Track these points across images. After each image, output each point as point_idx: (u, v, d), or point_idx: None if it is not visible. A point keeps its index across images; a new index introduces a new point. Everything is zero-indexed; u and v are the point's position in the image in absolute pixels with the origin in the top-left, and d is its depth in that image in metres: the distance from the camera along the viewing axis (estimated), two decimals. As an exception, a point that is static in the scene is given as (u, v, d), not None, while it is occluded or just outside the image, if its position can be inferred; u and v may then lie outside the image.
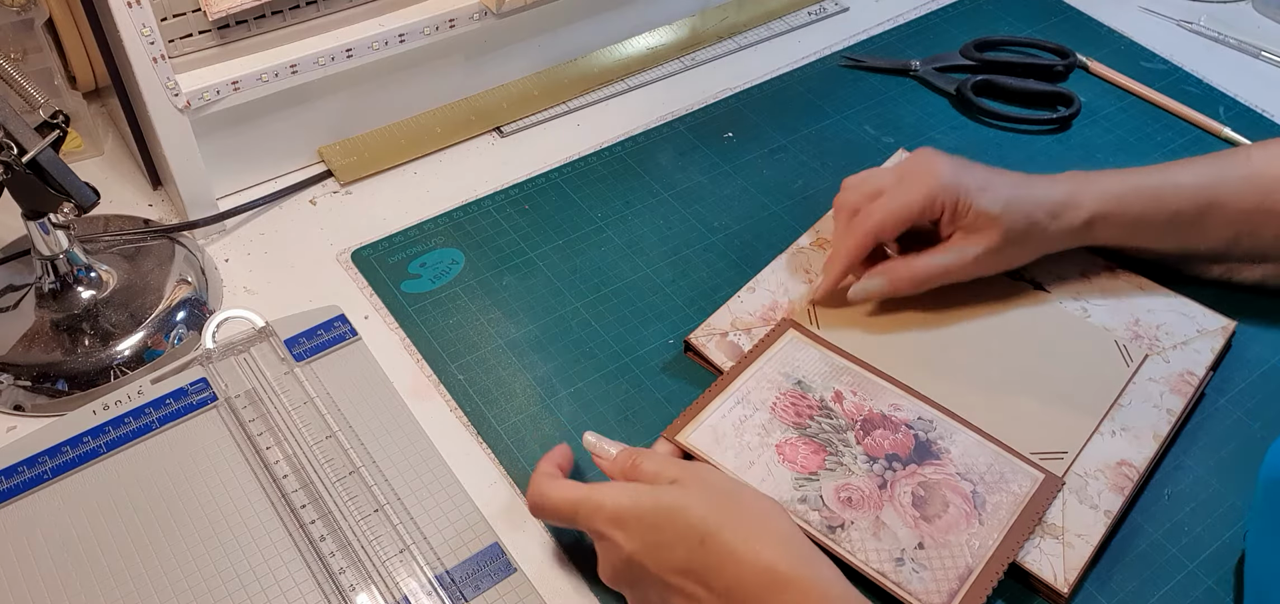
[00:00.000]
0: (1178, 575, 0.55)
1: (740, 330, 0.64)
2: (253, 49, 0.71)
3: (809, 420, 0.58)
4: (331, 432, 0.59)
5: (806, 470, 0.56)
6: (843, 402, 0.59)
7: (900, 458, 0.57)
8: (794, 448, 0.57)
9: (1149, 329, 0.64)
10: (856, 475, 0.56)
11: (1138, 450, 0.58)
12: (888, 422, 0.59)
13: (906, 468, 0.56)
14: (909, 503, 0.55)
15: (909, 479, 0.56)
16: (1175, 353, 0.63)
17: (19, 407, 0.61)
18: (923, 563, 0.52)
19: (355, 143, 0.79)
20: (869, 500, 0.55)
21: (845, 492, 0.55)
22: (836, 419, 0.59)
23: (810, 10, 0.95)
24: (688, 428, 0.58)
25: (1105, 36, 0.94)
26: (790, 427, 0.58)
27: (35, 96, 0.59)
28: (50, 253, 0.62)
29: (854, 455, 0.57)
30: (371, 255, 0.71)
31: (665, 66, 0.88)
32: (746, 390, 0.60)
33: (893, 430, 0.58)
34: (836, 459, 0.57)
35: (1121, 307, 0.66)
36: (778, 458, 0.56)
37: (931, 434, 0.58)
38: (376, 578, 0.52)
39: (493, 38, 0.81)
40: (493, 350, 0.65)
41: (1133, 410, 0.60)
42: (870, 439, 0.58)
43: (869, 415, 0.59)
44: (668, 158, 0.79)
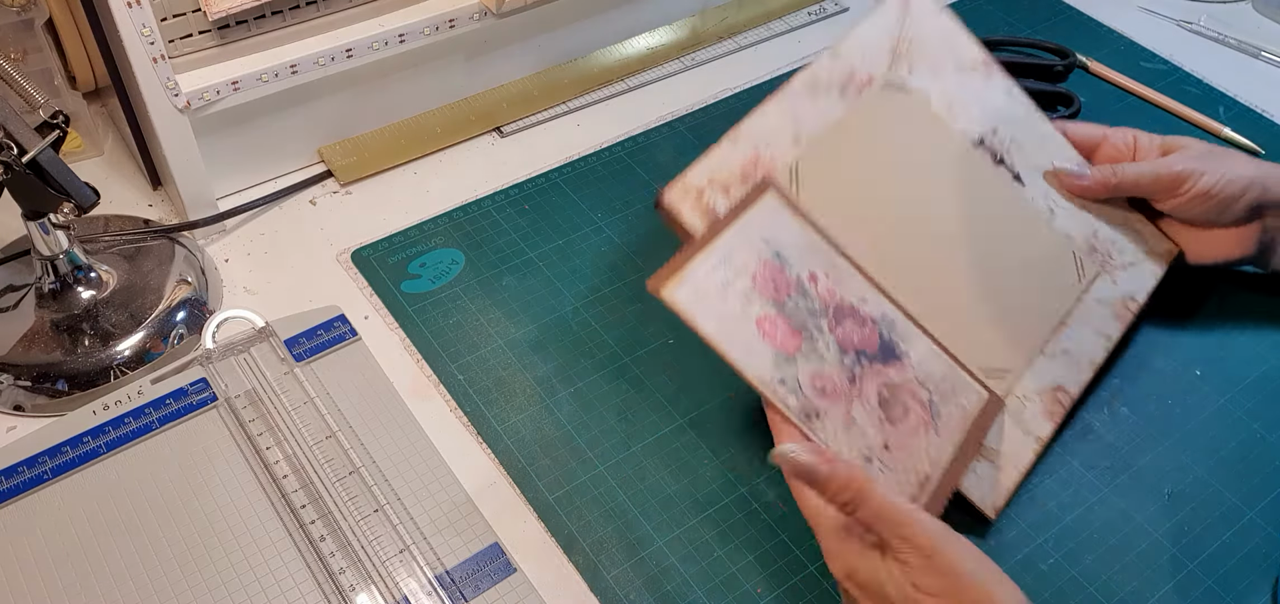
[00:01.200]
0: (1178, 575, 0.55)
1: (717, 189, 0.61)
2: (253, 49, 0.71)
3: (786, 298, 0.57)
4: (331, 432, 0.59)
5: (785, 351, 0.54)
6: (817, 284, 0.58)
7: (868, 354, 0.56)
8: (774, 325, 0.55)
9: (1104, 243, 0.65)
10: (829, 365, 0.55)
11: (1074, 376, 0.59)
12: (856, 314, 0.57)
13: (872, 365, 0.56)
14: (876, 402, 0.55)
15: (876, 377, 0.55)
16: (1123, 274, 0.63)
17: (19, 407, 0.61)
18: (887, 465, 0.52)
19: (355, 143, 0.79)
20: (840, 393, 0.54)
21: (819, 380, 0.54)
22: (811, 302, 0.57)
23: (810, 10, 0.95)
24: (671, 283, 0.54)
25: (1105, 36, 0.94)
26: (770, 301, 0.56)
27: (35, 96, 0.59)
28: (50, 253, 0.62)
29: (827, 343, 0.56)
30: (371, 255, 0.71)
31: (665, 66, 0.88)
32: (728, 251, 0.57)
33: (860, 325, 0.57)
34: (811, 344, 0.55)
35: (1084, 215, 0.66)
36: (758, 333, 0.54)
37: (894, 335, 0.57)
38: (376, 578, 0.52)
39: (493, 38, 0.81)
40: (493, 350, 0.65)
41: (1076, 333, 0.61)
42: (841, 329, 0.57)
43: (840, 303, 0.58)
44: (668, 158, 0.79)
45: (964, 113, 0.67)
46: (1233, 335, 0.67)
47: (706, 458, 0.59)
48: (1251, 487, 0.59)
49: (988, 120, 0.67)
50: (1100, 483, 0.59)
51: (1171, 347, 0.66)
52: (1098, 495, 0.58)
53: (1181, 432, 0.62)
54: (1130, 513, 0.58)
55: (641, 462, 0.59)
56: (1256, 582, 0.55)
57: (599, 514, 0.57)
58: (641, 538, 0.56)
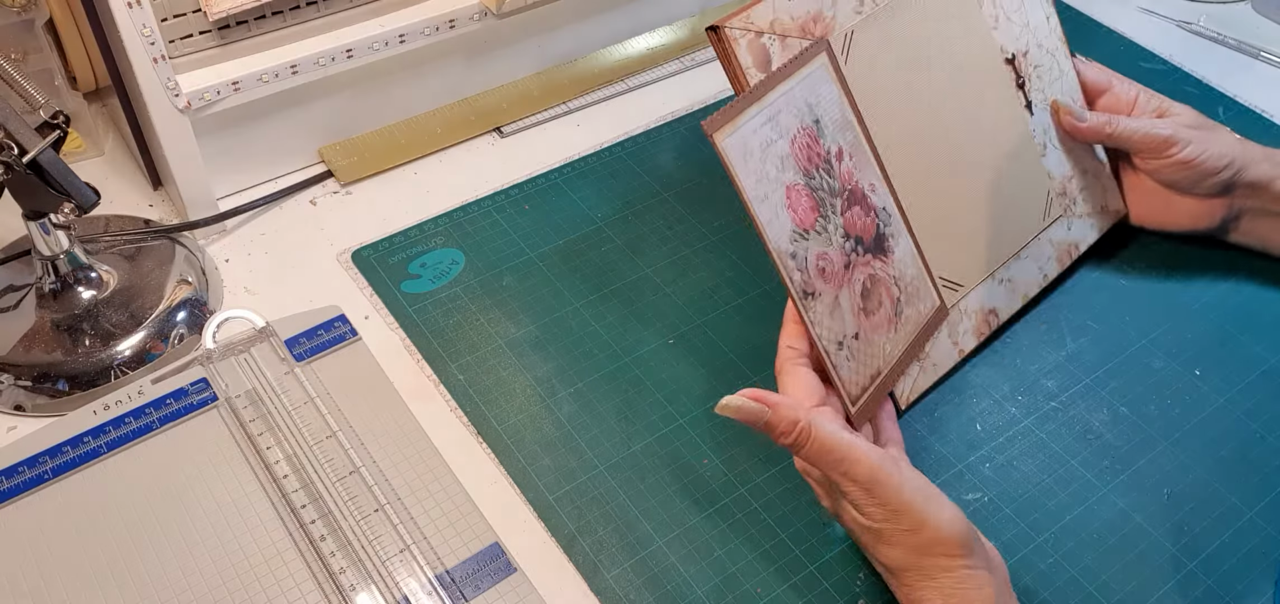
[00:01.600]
0: (1177, 575, 0.55)
1: (776, 36, 0.60)
2: (253, 49, 0.71)
3: (815, 171, 0.57)
4: (332, 432, 0.59)
5: (802, 226, 0.55)
6: (841, 163, 0.58)
7: (863, 243, 0.57)
8: (798, 196, 0.56)
9: (1073, 189, 0.67)
10: (833, 247, 0.56)
11: (1008, 304, 0.63)
12: (864, 202, 0.59)
13: (864, 256, 0.57)
14: (859, 291, 0.56)
15: (864, 267, 0.57)
16: (1077, 222, 0.66)
17: (19, 407, 0.61)
18: (853, 353, 0.55)
19: (355, 143, 0.79)
20: (835, 278, 0.56)
21: (822, 261, 0.55)
22: (833, 180, 0.58)
23: (810, 10, 0.95)
24: (725, 129, 0.54)
25: (1105, 37, 0.94)
26: (800, 171, 0.56)
27: (35, 97, 0.59)
28: (51, 253, 0.62)
29: (836, 226, 0.57)
30: (371, 255, 0.71)
31: (665, 66, 0.88)
32: (777, 109, 0.56)
33: (866, 213, 0.58)
34: (824, 223, 0.56)
35: (1069, 158, 0.68)
36: (784, 201, 0.55)
37: (887, 228, 0.59)
38: (376, 578, 0.53)
39: (493, 38, 0.81)
40: (493, 350, 0.65)
41: (1022, 265, 0.64)
42: (849, 214, 0.58)
43: (854, 188, 0.58)
44: (668, 158, 0.79)
45: (1006, 25, 0.68)
46: (1233, 335, 0.67)
47: (706, 458, 0.59)
48: (1251, 487, 0.59)
49: (1023, 40, 0.68)
50: (1100, 483, 0.59)
51: (1171, 347, 0.66)
52: (1098, 495, 0.58)
53: (1181, 431, 0.62)
54: (1130, 513, 0.58)
55: (641, 462, 0.59)
56: (1256, 582, 0.55)
57: (599, 514, 0.57)
58: (641, 538, 0.56)
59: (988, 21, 0.67)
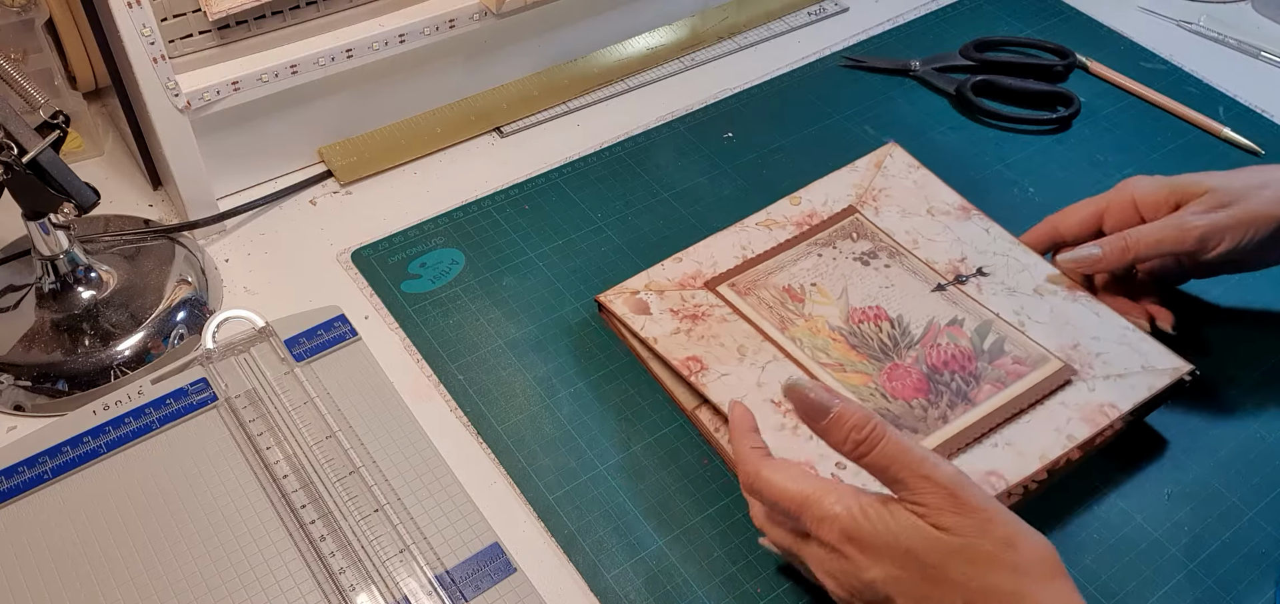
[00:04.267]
0: (1178, 575, 0.55)
1: (652, 291, 0.64)
2: (253, 49, 0.71)
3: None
4: (331, 432, 0.59)
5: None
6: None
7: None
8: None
9: (1086, 355, 0.60)
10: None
11: (1017, 467, 0.55)
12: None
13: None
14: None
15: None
16: (1104, 383, 0.59)
17: (19, 407, 0.61)
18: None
19: (355, 143, 0.79)
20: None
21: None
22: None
23: (810, 10, 0.95)
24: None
25: (1105, 37, 0.94)
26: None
27: (35, 96, 0.59)
28: (50, 253, 0.62)
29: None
30: (371, 255, 0.71)
31: (665, 66, 0.88)
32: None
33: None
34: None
35: (1067, 328, 0.62)
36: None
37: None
38: (376, 578, 0.52)
39: (493, 38, 0.81)
40: (493, 350, 0.65)
41: (1027, 428, 0.56)
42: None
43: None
44: (668, 158, 0.79)
45: (929, 245, 0.67)
46: (1233, 335, 0.67)
47: (706, 458, 0.59)
48: (1251, 487, 0.59)
49: (957, 249, 0.67)
50: (1100, 483, 0.59)
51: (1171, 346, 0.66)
52: (1098, 495, 0.58)
53: (1182, 432, 0.62)
54: (1130, 513, 0.58)
55: (641, 462, 0.59)
56: (1256, 582, 0.55)
57: (599, 514, 0.57)
58: (641, 538, 0.56)
59: (904, 245, 0.67)
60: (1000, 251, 0.66)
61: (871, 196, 0.71)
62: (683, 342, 0.61)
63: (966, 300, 0.64)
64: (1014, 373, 0.59)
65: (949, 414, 0.57)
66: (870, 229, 0.68)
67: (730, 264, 0.66)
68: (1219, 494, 0.59)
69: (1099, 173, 0.79)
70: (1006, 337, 0.61)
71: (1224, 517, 0.58)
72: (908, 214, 0.69)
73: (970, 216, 0.69)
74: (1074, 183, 0.78)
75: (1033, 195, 0.77)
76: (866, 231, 0.68)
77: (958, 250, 0.67)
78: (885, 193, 0.71)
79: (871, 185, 0.71)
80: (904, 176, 0.72)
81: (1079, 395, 0.58)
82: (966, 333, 0.61)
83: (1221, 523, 0.57)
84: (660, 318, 0.63)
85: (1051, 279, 0.65)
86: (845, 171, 0.73)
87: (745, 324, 0.62)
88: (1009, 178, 0.79)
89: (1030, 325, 0.62)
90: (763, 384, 0.59)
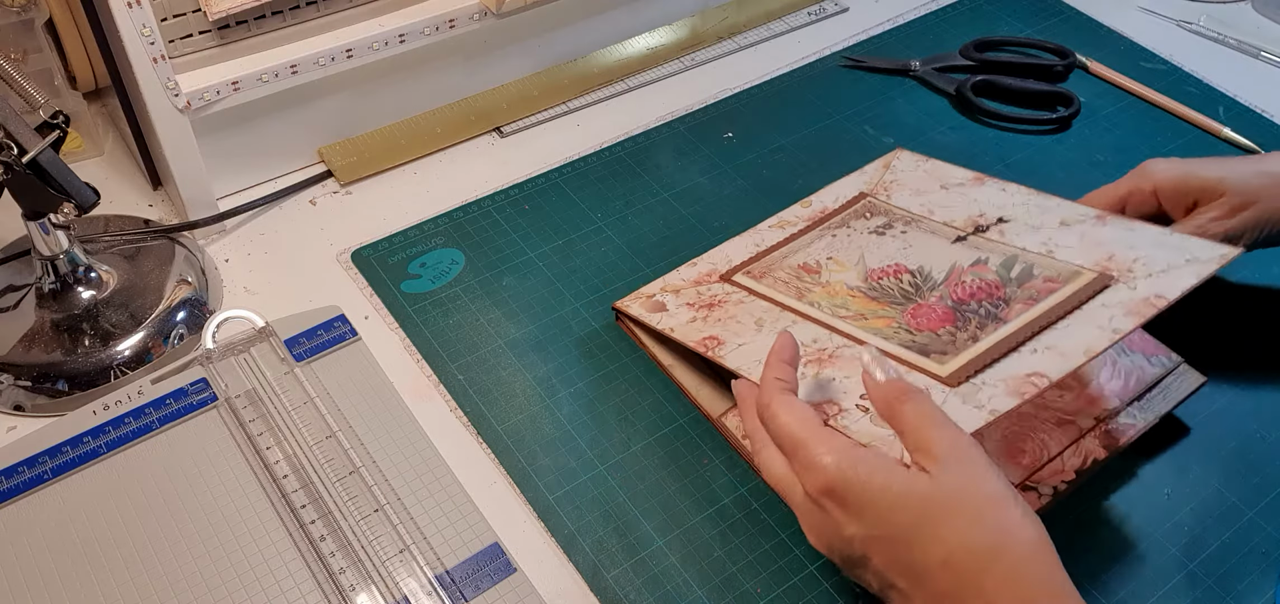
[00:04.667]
0: (1178, 575, 0.55)
1: (668, 291, 0.64)
2: (253, 49, 0.71)
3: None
4: (331, 432, 0.59)
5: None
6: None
7: None
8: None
9: (1124, 263, 0.56)
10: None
11: (1059, 365, 0.51)
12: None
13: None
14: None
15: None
16: (1146, 281, 0.54)
17: (19, 407, 0.61)
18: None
19: (355, 143, 0.79)
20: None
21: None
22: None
23: (810, 10, 0.95)
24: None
25: (1105, 37, 0.94)
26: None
27: (35, 96, 0.59)
28: (50, 253, 0.62)
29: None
30: (371, 255, 0.71)
31: (665, 66, 0.88)
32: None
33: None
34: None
35: (1096, 247, 0.58)
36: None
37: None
38: (376, 578, 0.52)
39: (493, 38, 0.81)
40: (493, 350, 0.65)
41: (1067, 331, 0.53)
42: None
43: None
44: (668, 158, 0.79)
45: (945, 210, 0.66)
46: (1233, 335, 0.67)
47: (706, 458, 0.59)
48: (1251, 487, 0.59)
49: (975, 208, 0.65)
50: (1101, 483, 0.59)
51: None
52: (1098, 495, 0.58)
53: (1181, 432, 0.62)
54: (1130, 513, 0.58)
55: (641, 461, 0.59)
56: (1256, 582, 0.55)
57: (599, 514, 0.57)
58: (641, 538, 0.56)
59: (919, 213, 0.66)
60: (1020, 202, 0.64)
61: (882, 187, 0.70)
62: (699, 326, 0.61)
63: (989, 244, 0.61)
64: (1046, 290, 0.56)
65: (979, 334, 0.54)
66: (884, 207, 0.67)
67: (744, 258, 0.66)
68: (1219, 494, 0.59)
69: (1099, 173, 0.79)
70: (1035, 263, 0.58)
71: (1224, 517, 0.58)
72: (921, 192, 0.68)
73: (985, 183, 0.67)
74: (1074, 182, 0.78)
75: (1033, 195, 0.77)
76: (880, 209, 0.67)
77: (976, 209, 0.64)
78: (896, 183, 0.70)
79: (882, 179, 0.71)
80: (913, 169, 0.71)
81: (1120, 296, 0.54)
82: (991, 268, 0.59)
83: (1221, 523, 0.57)
84: (677, 311, 0.63)
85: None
86: (853, 175, 0.73)
87: (762, 302, 0.61)
88: (1009, 178, 0.79)
89: (1059, 250, 0.59)
90: None
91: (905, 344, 0.55)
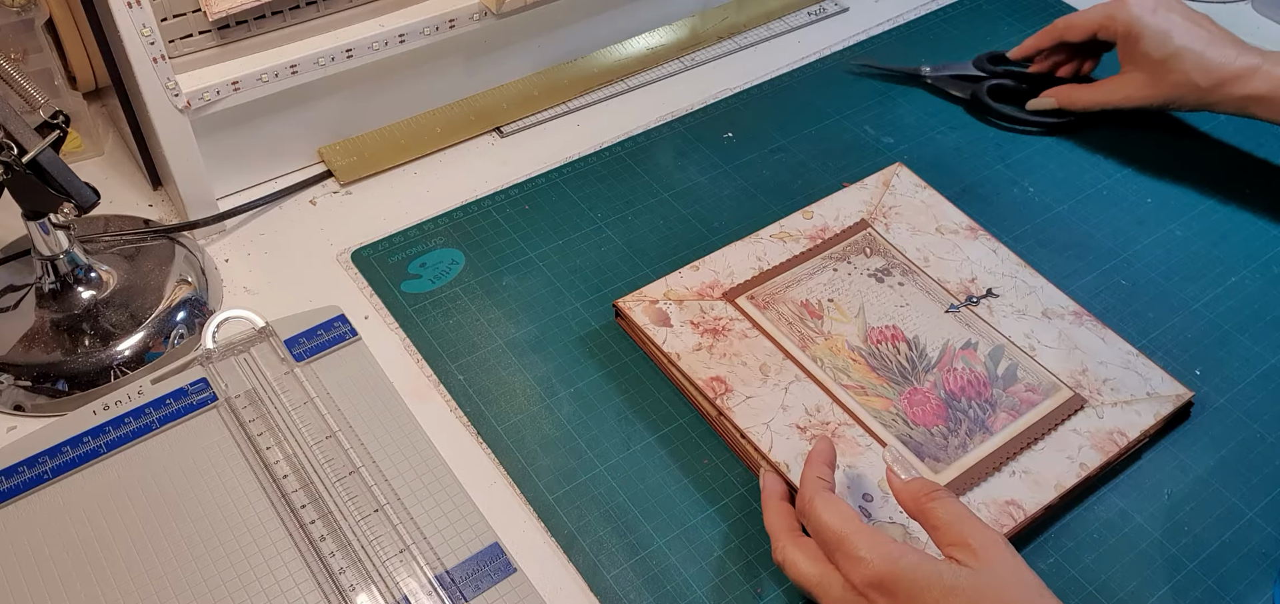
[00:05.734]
0: (1178, 575, 0.55)
1: (671, 300, 0.65)
2: (253, 49, 0.71)
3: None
4: (331, 432, 0.59)
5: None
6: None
7: None
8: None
9: (1094, 382, 0.62)
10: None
11: (1033, 497, 0.56)
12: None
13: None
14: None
15: None
16: (1111, 411, 0.61)
17: (19, 407, 0.61)
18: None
19: (355, 143, 0.79)
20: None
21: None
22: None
23: (810, 10, 0.95)
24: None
25: (1105, 36, 0.94)
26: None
27: (35, 96, 0.59)
28: (50, 253, 0.62)
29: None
30: (371, 255, 0.71)
31: (665, 66, 0.88)
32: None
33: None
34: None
35: (1075, 355, 0.63)
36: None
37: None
38: (376, 578, 0.52)
39: (493, 38, 0.81)
40: (493, 350, 0.65)
41: (1041, 456, 0.58)
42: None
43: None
44: (668, 158, 0.79)
45: (940, 263, 0.69)
46: (1233, 335, 0.67)
47: (706, 458, 0.59)
48: (1251, 487, 0.59)
49: (967, 270, 0.69)
50: (1100, 483, 0.59)
51: (1172, 347, 0.66)
52: (1098, 495, 0.58)
53: (1181, 431, 0.62)
54: (1130, 513, 0.58)
55: (641, 462, 0.59)
56: (1256, 582, 0.55)
57: (599, 514, 0.57)
58: (641, 538, 0.56)
59: (916, 262, 0.69)
60: (1008, 273, 0.69)
61: (882, 213, 0.72)
62: (706, 359, 0.62)
63: (979, 322, 0.65)
64: (1027, 401, 0.61)
65: (968, 443, 0.59)
66: (882, 245, 0.70)
67: (747, 275, 0.67)
68: (1219, 494, 0.59)
69: (1099, 173, 0.79)
70: (1019, 363, 0.63)
71: (1224, 517, 0.58)
72: (918, 232, 0.71)
73: (977, 237, 0.71)
74: (1074, 182, 0.78)
75: (1033, 195, 0.77)
76: (879, 247, 0.69)
77: (968, 271, 0.68)
78: (895, 210, 0.72)
79: (881, 203, 0.73)
80: (912, 196, 0.73)
81: (1089, 423, 0.60)
82: (980, 358, 0.63)
83: (1221, 523, 0.57)
84: (681, 331, 0.63)
85: (1041, 102, 0.81)
86: (854, 189, 0.74)
87: (767, 341, 0.63)
88: (1009, 177, 0.79)
89: (1040, 350, 0.64)
90: (787, 407, 0.59)
91: (902, 438, 0.59)
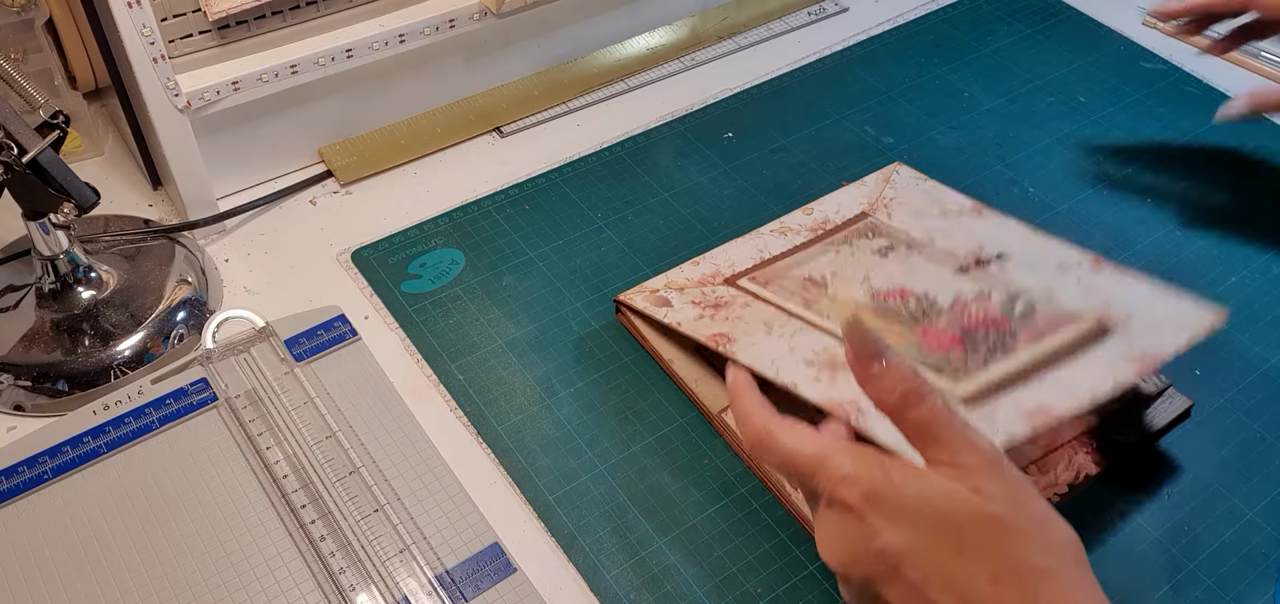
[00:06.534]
0: (1178, 575, 0.55)
1: (672, 289, 0.64)
2: (253, 49, 0.71)
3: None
4: (331, 432, 0.59)
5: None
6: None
7: None
8: None
9: (1120, 313, 0.58)
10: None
11: (1065, 402, 0.51)
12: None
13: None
14: None
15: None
16: (1141, 335, 0.56)
17: (19, 407, 0.61)
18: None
19: (355, 143, 0.79)
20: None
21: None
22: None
23: (810, 10, 0.95)
24: None
25: (1106, 37, 0.94)
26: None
27: (35, 97, 0.59)
28: (50, 253, 0.62)
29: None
30: (371, 255, 0.71)
31: (665, 66, 0.88)
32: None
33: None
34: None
35: (1092, 293, 0.59)
36: None
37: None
38: (376, 578, 0.53)
39: (493, 38, 0.81)
40: (493, 350, 0.65)
41: (1070, 371, 0.53)
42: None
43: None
44: (668, 158, 0.79)
45: (946, 238, 0.65)
46: (1233, 335, 0.67)
47: (706, 458, 0.59)
48: (1251, 487, 0.59)
49: (974, 241, 0.64)
50: (1101, 483, 0.59)
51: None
52: (1098, 495, 0.58)
53: (1181, 431, 0.62)
54: (1130, 513, 0.58)
55: (641, 462, 0.59)
56: (1256, 582, 0.55)
57: (599, 514, 0.57)
58: (641, 538, 0.56)
59: (921, 239, 0.66)
60: (1018, 240, 0.64)
61: (882, 204, 0.70)
62: (707, 323, 0.60)
63: (991, 278, 0.61)
64: (1049, 328, 0.56)
65: (990, 360, 0.54)
66: (886, 228, 0.67)
67: (748, 264, 0.66)
68: (1219, 494, 0.59)
69: (1099, 173, 0.79)
70: (1037, 302, 0.59)
71: (1224, 517, 0.58)
72: (921, 215, 0.68)
73: (983, 215, 0.67)
74: (1074, 182, 0.78)
75: (1033, 195, 0.77)
76: (882, 231, 0.67)
77: (975, 242, 0.64)
78: (896, 201, 0.70)
79: (881, 196, 0.71)
80: (913, 187, 0.71)
81: (1119, 346, 0.55)
82: (996, 302, 0.59)
83: (1221, 523, 0.57)
84: (682, 308, 0.62)
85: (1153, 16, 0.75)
86: (853, 187, 0.72)
87: (769, 307, 0.61)
88: (1009, 178, 0.79)
89: (1058, 293, 0.59)
90: (794, 349, 0.56)
91: (918, 362, 0.54)
